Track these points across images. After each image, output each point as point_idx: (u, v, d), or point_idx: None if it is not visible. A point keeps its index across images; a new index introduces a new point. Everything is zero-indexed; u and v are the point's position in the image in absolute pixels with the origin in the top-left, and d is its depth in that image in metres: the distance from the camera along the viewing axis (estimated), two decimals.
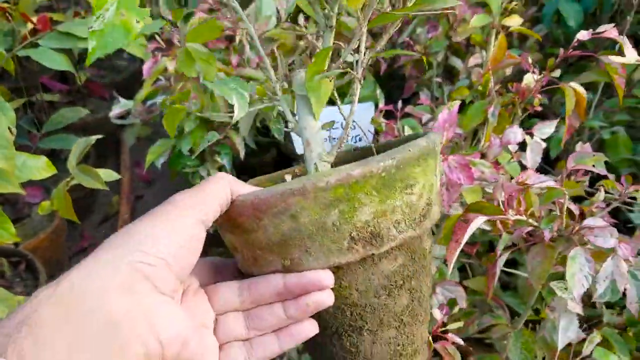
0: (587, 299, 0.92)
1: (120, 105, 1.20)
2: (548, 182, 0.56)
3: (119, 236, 0.36)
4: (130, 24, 0.46)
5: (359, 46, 0.49)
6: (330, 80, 0.49)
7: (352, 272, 0.42)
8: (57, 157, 1.51)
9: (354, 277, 0.42)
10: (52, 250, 1.43)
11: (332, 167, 0.50)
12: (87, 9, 1.44)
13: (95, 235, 1.74)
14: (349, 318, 0.44)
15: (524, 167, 0.77)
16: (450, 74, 1.29)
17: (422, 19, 1.23)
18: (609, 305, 0.88)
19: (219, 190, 0.40)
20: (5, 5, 1.19)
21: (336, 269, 0.42)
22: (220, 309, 0.43)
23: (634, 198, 0.75)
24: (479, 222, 0.54)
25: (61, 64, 1.18)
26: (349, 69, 0.49)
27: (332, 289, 0.42)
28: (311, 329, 0.43)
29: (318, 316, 0.43)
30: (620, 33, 1.05)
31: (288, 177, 0.59)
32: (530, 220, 0.58)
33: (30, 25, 1.23)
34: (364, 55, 0.49)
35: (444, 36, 1.14)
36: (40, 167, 0.94)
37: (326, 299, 0.41)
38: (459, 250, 0.55)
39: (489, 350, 0.90)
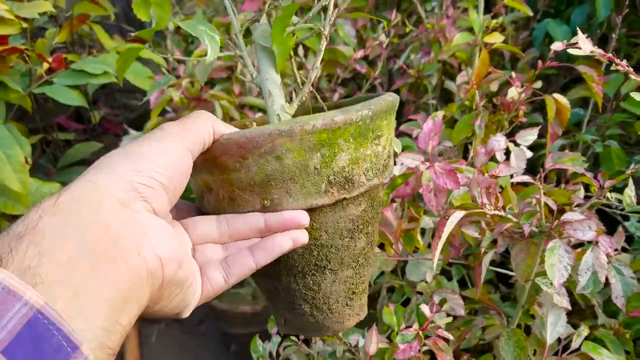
0: (587, 309, 0.94)
1: (130, 137, 1.26)
2: (522, 177, 0.60)
3: (115, 155, 0.36)
4: None
5: (327, 5, 0.51)
6: (294, 35, 0.51)
7: (323, 215, 0.46)
8: None
9: (325, 219, 0.46)
10: None
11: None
12: (100, 50, 1.52)
13: None
14: (315, 258, 0.47)
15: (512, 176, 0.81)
16: (448, 98, 1.34)
17: (416, 45, 1.29)
18: (611, 315, 0.89)
19: (202, 126, 0.41)
20: (22, 47, 1.27)
21: (310, 212, 0.45)
22: (197, 240, 0.44)
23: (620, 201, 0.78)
24: (457, 216, 0.58)
25: (74, 99, 1.25)
26: (317, 25, 0.51)
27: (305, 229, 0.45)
28: (286, 241, 0.43)
29: (287, 257, 0.47)
30: (607, 51, 1.09)
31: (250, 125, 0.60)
32: (509, 216, 0.61)
33: (46, 65, 1.30)
34: (332, 14, 0.51)
35: (437, 60, 1.19)
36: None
37: (302, 237, 0.44)
38: (441, 244, 0.58)
39: None
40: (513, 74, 0.87)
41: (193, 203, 0.51)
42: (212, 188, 0.46)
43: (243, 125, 0.60)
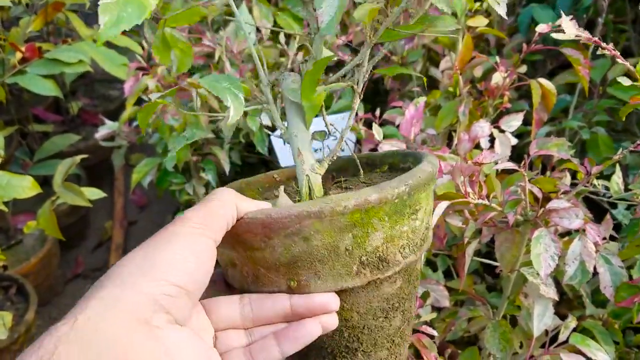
0: (575, 299, 0.92)
1: (106, 127, 1.22)
2: (506, 163, 0.57)
3: (135, 261, 0.35)
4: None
5: (362, 62, 0.48)
6: (325, 90, 0.48)
7: (355, 295, 0.43)
8: (49, 185, 1.53)
9: (356, 300, 0.43)
10: (44, 275, 1.43)
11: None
12: (76, 39, 1.47)
13: (89, 260, 1.75)
14: (346, 339, 0.44)
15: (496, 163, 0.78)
16: (433, 85, 1.31)
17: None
18: (599, 305, 0.88)
19: (226, 208, 0.39)
20: None
21: (340, 292, 0.42)
22: (219, 325, 0.42)
23: (608, 188, 0.76)
24: (441, 207, 0.55)
25: (49, 89, 1.21)
26: (351, 84, 0.48)
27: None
28: (315, 328, 0.40)
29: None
30: (594, 37, 1.07)
31: (271, 179, 0.58)
32: (494, 205, 0.58)
33: (19, 55, 1.25)
34: (366, 70, 0.49)
35: (421, 46, 1.16)
36: (25, 186, 0.95)
37: (331, 321, 0.41)
38: None
39: None
40: (497, 58, 0.85)
41: (218, 272, 0.48)
42: (236, 264, 0.44)
43: (268, 180, 0.58)
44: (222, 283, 0.47)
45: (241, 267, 0.43)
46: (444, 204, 0.57)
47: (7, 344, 1.15)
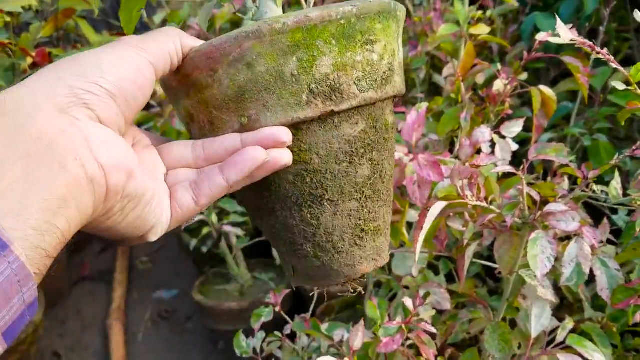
0: (575, 303, 0.93)
1: None
2: (504, 167, 0.59)
3: (62, 61, 0.34)
4: None
5: None
6: None
7: (312, 134, 0.41)
8: None
9: (314, 139, 0.41)
10: (52, 278, 1.45)
11: None
12: (86, 46, 1.50)
13: (95, 264, 1.77)
14: (309, 186, 0.42)
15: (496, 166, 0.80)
16: (436, 92, 1.33)
17: (404, 40, 1.28)
18: (599, 310, 0.89)
19: (168, 39, 0.38)
20: (6, 41, 1.25)
21: (296, 131, 0.40)
22: (171, 165, 0.42)
23: (606, 193, 0.77)
24: (439, 207, 0.57)
25: None
26: None
27: (292, 152, 0.41)
28: (257, 153, 0.39)
29: (278, 186, 0.43)
30: (596, 45, 1.09)
31: None
32: (492, 207, 0.60)
33: (29, 60, 1.28)
34: None
35: (424, 53, 1.18)
36: None
37: (282, 155, 0.40)
38: (422, 236, 0.57)
39: None
40: (499, 66, 0.86)
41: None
42: (192, 115, 0.43)
43: None
44: None
45: (197, 116, 0.43)
46: (440, 204, 0.59)
47: (15, 344, 1.17)
